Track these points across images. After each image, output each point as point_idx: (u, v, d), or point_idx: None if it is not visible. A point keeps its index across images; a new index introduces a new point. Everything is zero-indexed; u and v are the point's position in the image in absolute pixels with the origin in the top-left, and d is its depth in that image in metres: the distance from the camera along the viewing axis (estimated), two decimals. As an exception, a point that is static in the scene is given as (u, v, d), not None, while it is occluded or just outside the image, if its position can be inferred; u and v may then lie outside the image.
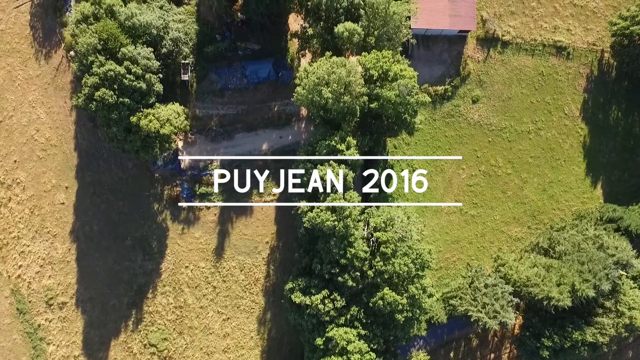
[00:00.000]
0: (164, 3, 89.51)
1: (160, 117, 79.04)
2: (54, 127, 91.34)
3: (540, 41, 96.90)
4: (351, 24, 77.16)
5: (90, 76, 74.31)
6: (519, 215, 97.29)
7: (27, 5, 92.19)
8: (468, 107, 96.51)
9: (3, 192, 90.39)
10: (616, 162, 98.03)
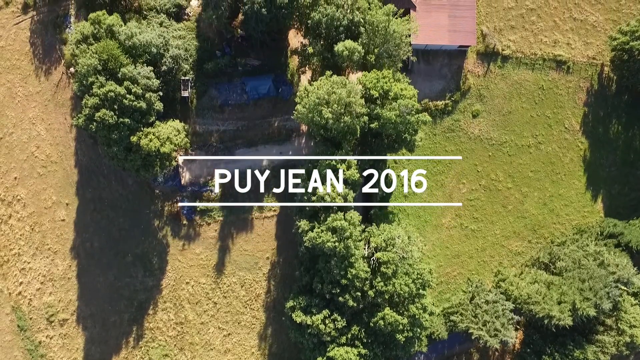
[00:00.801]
0: (164, 19, 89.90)
1: (160, 136, 79.03)
2: (55, 144, 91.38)
3: (540, 55, 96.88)
4: (351, 42, 77.22)
5: (90, 97, 74.31)
6: (519, 229, 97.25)
7: (27, 22, 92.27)
8: (468, 121, 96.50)
9: (3, 209, 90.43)
10: (616, 176, 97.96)
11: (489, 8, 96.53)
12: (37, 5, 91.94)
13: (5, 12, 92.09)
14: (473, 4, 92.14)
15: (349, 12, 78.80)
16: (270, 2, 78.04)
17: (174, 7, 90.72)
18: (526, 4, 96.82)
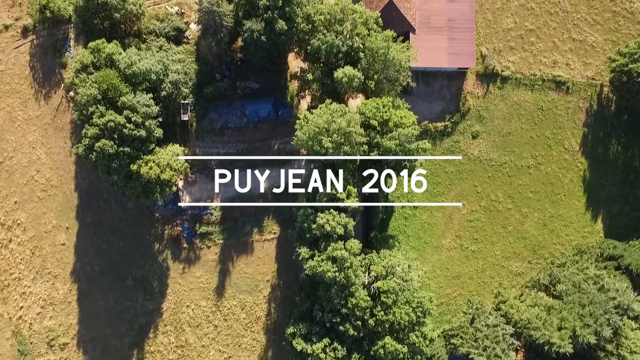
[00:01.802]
0: (163, 43, 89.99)
1: (160, 163, 79.08)
2: (54, 168, 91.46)
3: (539, 76, 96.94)
4: (350, 69, 77.30)
5: (90, 126, 74.37)
6: (519, 250, 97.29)
7: (27, 46, 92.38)
8: (468, 142, 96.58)
9: (4, 233, 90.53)
10: (616, 196, 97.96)
11: (489, 29, 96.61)
12: (36, 29, 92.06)
13: (5, 35, 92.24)
14: (472, 26, 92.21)
15: (348, 39, 78.84)
16: (269, 29, 78.10)
17: (173, 31, 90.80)
18: (525, 24, 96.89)
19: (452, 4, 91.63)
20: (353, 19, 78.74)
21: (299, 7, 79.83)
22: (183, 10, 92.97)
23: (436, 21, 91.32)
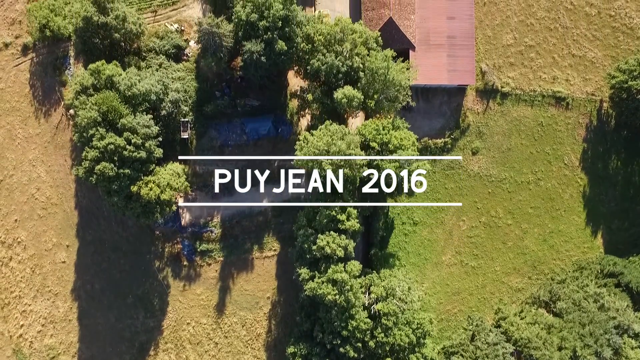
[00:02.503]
0: (163, 60, 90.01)
1: (160, 183, 79.13)
2: (55, 186, 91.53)
3: (539, 92, 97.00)
4: (350, 89, 77.35)
5: (90, 149, 74.39)
6: (519, 265, 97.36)
7: (27, 64, 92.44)
8: (468, 158, 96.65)
9: (4, 251, 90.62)
10: (616, 212, 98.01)
11: (488, 45, 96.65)
12: (36, 47, 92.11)
13: (4, 53, 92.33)
14: (472, 43, 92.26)
15: (348, 59, 78.87)
16: (269, 50, 78.13)
17: (173, 48, 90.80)
18: (525, 40, 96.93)
19: (451, 22, 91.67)
20: (353, 39, 78.80)
21: (299, 27, 79.90)
22: (183, 28, 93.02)
23: (436, 38, 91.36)
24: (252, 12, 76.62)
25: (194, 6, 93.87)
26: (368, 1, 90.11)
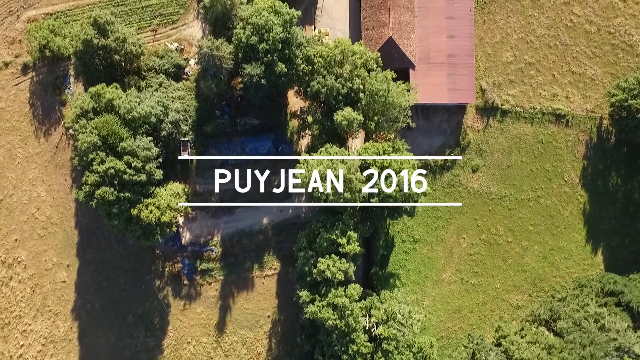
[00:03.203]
0: (163, 79, 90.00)
1: (160, 205, 79.08)
2: (55, 205, 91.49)
3: (539, 109, 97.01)
4: (350, 111, 77.40)
5: (90, 173, 74.35)
6: (519, 283, 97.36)
7: (27, 83, 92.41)
8: (468, 176, 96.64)
9: (4, 271, 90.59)
10: (616, 229, 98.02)
11: (488, 63, 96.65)
12: (36, 66, 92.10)
13: (4, 73, 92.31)
14: (472, 61, 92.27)
15: (348, 80, 78.88)
16: (269, 72, 78.13)
17: (172, 67, 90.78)
18: (525, 58, 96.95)
19: (451, 40, 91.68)
20: (353, 60, 78.81)
21: (299, 49, 79.89)
22: (182, 47, 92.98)
23: (436, 57, 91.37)
24: (252, 35, 76.61)
25: (194, 25, 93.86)
26: (368, 20, 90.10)
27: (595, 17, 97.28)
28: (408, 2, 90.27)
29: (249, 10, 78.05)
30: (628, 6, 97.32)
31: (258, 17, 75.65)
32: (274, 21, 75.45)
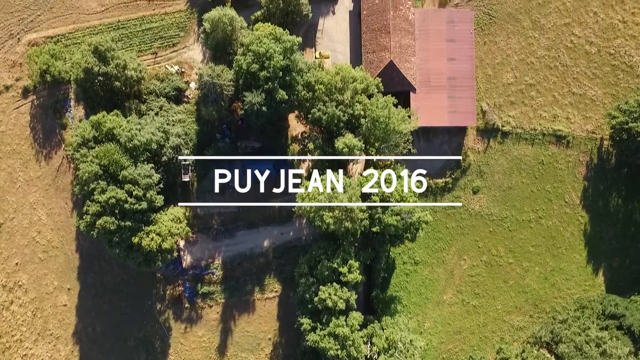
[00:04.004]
0: (164, 103, 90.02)
1: (161, 232, 79.05)
2: (56, 229, 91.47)
3: (540, 130, 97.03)
4: (351, 138, 77.38)
5: (91, 203, 74.33)
6: (520, 304, 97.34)
7: (27, 106, 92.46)
8: (469, 197, 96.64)
9: (5, 295, 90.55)
10: (617, 249, 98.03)
11: (489, 84, 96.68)
12: (37, 90, 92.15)
13: (5, 96, 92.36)
14: (473, 84, 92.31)
15: (349, 107, 78.89)
16: (270, 99, 78.15)
17: (173, 91, 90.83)
18: (525, 79, 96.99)
19: (452, 63, 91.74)
20: (354, 87, 78.82)
21: (300, 75, 79.88)
22: (183, 70, 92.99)
23: (436, 80, 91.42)
24: (253, 63, 76.61)
25: (194, 48, 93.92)
26: (369, 43, 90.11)
27: (596, 38, 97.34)
28: (408, 25, 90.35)
29: (250, 37, 78.09)
30: (628, 27, 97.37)
31: (259, 45, 75.67)
32: (275, 49, 75.48)
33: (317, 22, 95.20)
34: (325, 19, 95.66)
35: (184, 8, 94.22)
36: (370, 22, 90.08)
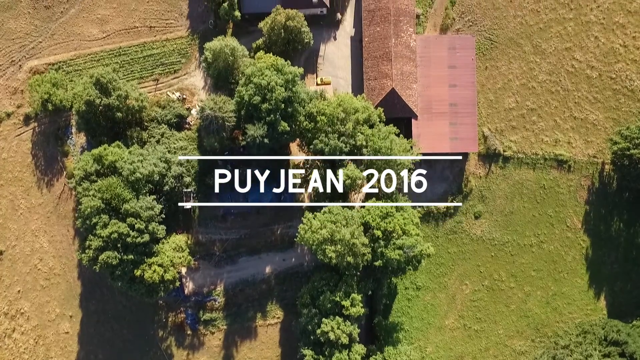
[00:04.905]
0: (165, 130, 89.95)
1: (164, 263, 79.07)
2: (57, 256, 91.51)
3: (541, 155, 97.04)
4: (353, 169, 77.42)
5: (94, 237, 74.33)
6: (522, 328, 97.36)
7: (29, 134, 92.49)
8: (470, 222, 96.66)
9: (7, 322, 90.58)
10: (619, 273, 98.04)
11: (490, 109, 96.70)
12: (38, 117, 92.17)
13: (6, 123, 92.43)
14: (474, 110, 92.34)
15: (350, 138, 78.92)
16: (271, 131, 78.15)
17: (175, 117, 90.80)
18: (527, 104, 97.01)
19: (454, 89, 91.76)
20: (356, 118, 78.83)
21: (301, 105, 79.89)
22: (184, 96, 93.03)
23: (438, 106, 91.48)
24: (255, 95, 76.60)
25: (196, 74, 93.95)
26: (370, 70, 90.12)
27: (597, 62, 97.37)
28: (410, 52, 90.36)
29: (252, 68, 78.06)
30: (629, 51, 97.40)
31: (261, 78, 75.66)
32: (277, 81, 75.48)
33: (319, 47, 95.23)
34: (327, 45, 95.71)
35: (185, 34, 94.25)
36: (371, 49, 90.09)
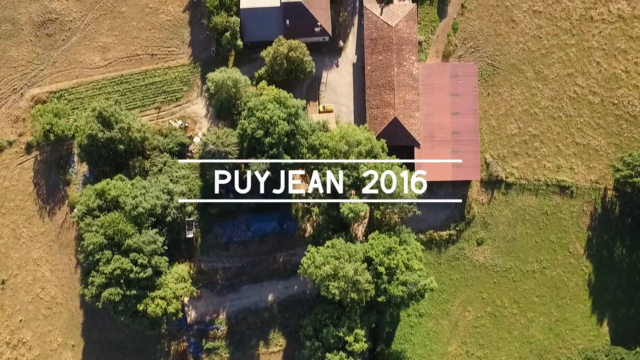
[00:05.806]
0: (167, 158, 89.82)
1: (166, 296, 78.90)
2: (60, 285, 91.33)
3: (544, 181, 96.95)
4: (355, 204, 77.13)
5: (97, 274, 74.18)
6: (525, 354, 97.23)
7: (31, 162, 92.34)
8: (473, 249, 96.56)
9: (9, 352, 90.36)
10: (622, 299, 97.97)
11: (493, 135, 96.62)
12: (40, 145, 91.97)
13: (8, 152, 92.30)
14: (477, 138, 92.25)
15: (354, 171, 78.79)
16: (274, 164, 78.04)
17: (177, 146, 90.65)
18: (529, 130, 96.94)
19: (456, 117, 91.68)
20: (358, 150, 78.71)
21: (304, 137, 79.78)
22: (187, 124, 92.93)
23: (441, 134, 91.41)
24: (258, 128, 76.48)
25: (198, 102, 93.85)
26: (373, 99, 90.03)
27: (599, 88, 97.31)
28: (412, 80, 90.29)
29: (254, 101, 77.94)
30: (631, 77, 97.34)
31: (263, 112, 75.54)
32: (280, 115, 75.38)
33: (321, 74, 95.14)
34: (329, 72, 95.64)
35: (187, 62, 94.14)
36: (374, 78, 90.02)
